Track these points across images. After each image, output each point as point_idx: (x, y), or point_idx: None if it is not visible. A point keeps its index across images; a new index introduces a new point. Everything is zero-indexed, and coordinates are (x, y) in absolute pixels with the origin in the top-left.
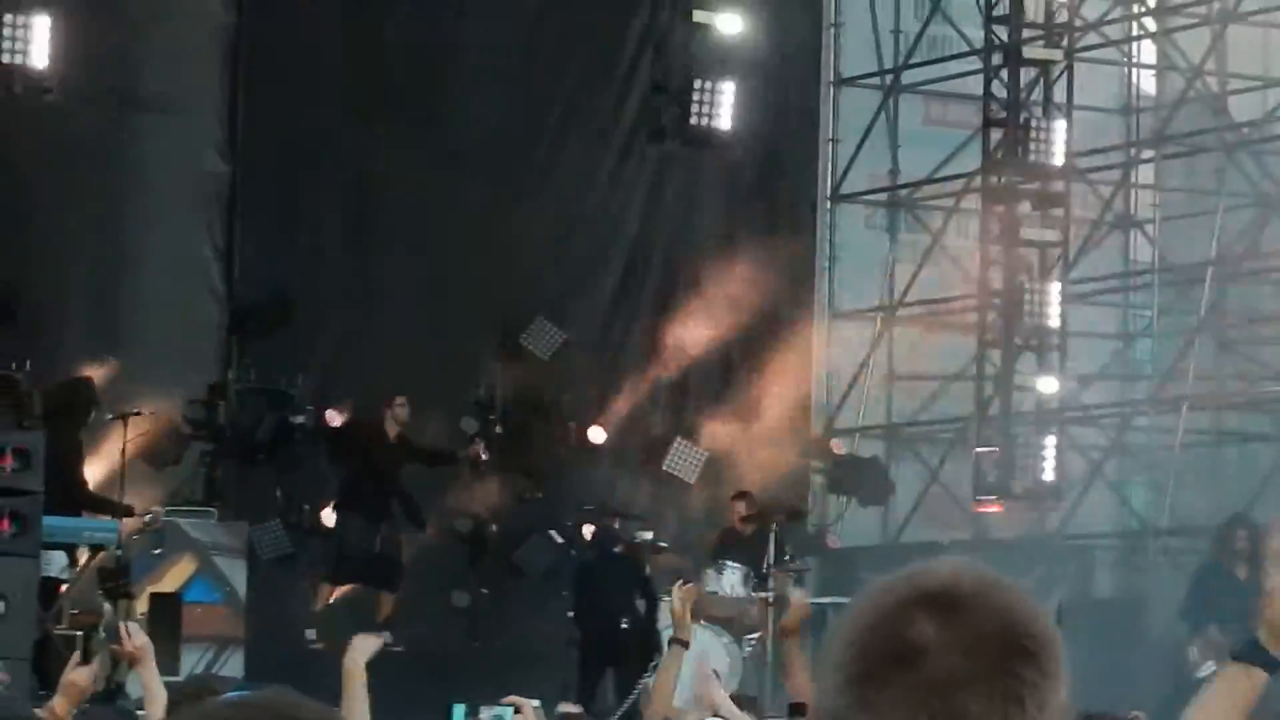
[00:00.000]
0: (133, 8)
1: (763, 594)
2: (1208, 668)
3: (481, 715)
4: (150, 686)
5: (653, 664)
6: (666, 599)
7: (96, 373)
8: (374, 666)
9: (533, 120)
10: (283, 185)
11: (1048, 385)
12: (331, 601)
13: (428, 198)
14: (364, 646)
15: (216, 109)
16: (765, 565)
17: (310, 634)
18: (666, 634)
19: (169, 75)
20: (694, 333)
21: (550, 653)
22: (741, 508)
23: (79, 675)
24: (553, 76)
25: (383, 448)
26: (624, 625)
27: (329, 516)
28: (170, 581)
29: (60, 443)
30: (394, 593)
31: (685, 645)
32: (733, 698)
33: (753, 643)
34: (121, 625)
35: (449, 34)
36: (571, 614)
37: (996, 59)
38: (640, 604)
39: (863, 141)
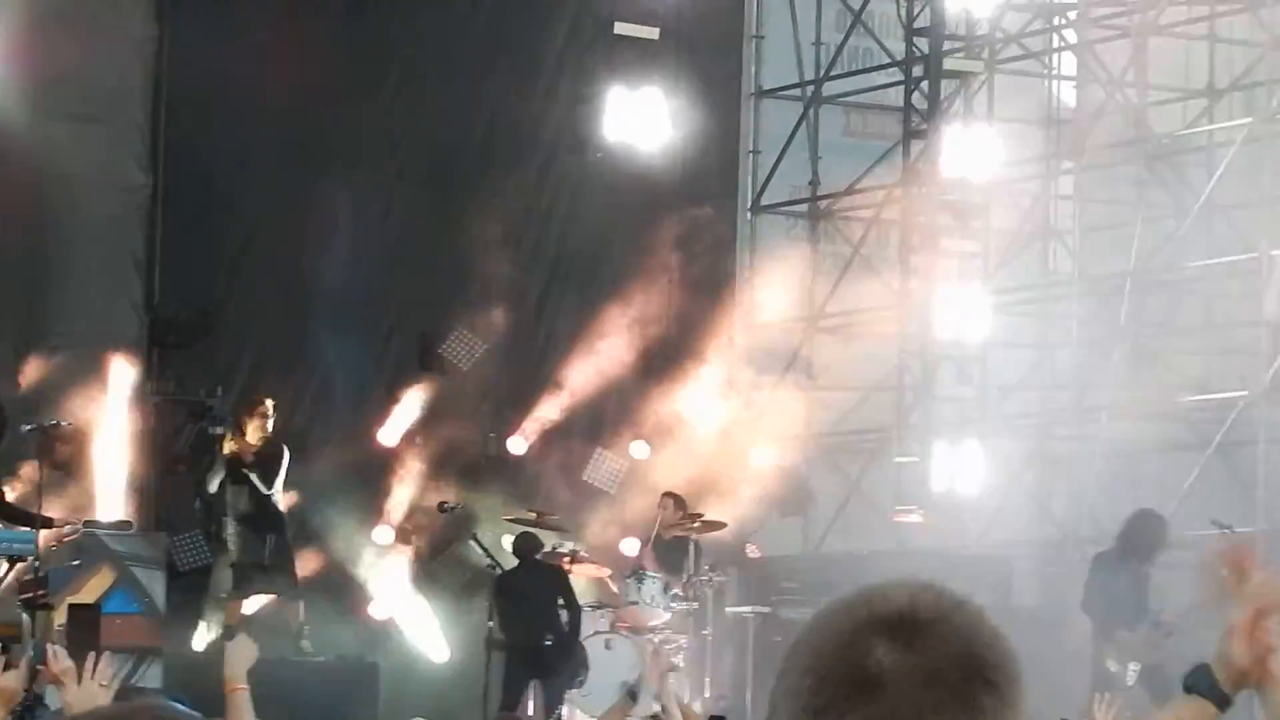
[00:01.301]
0: (54, 20)
1: (683, 605)
2: (1132, 673)
3: None
4: (74, 705)
5: (579, 678)
6: (589, 609)
7: (16, 385)
8: (295, 677)
9: (455, 132)
10: (203, 197)
11: (967, 395)
12: (250, 613)
13: (349, 210)
14: (240, 655)
15: (137, 120)
16: (685, 575)
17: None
18: (590, 644)
19: (90, 87)
20: (615, 343)
21: (472, 663)
22: (669, 505)
23: (8, 680)
24: (475, 89)
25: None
26: (547, 642)
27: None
28: (89, 593)
29: None
30: (295, 600)
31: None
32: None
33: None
34: (48, 648)
35: (372, 46)
36: (491, 623)
37: (917, 71)
38: (563, 615)
39: (783, 153)
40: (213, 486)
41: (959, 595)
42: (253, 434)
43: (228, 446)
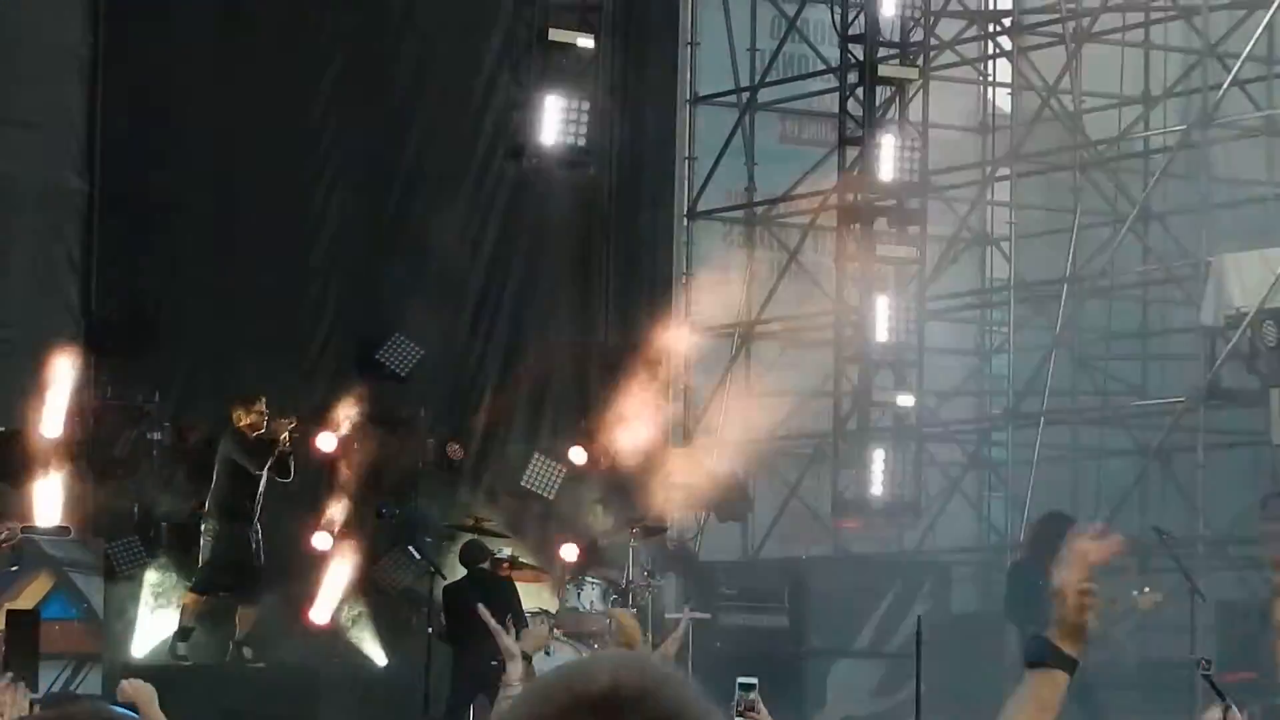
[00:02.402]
0: None
1: (623, 609)
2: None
3: None
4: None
5: None
6: (529, 614)
7: None
8: (237, 683)
9: (391, 137)
10: (140, 202)
11: (905, 401)
12: (192, 616)
13: (286, 215)
14: (148, 696)
15: (73, 125)
16: (625, 580)
17: (181, 648)
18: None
19: (26, 92)
20: (552, 349)
21: (411, 670)
22: (600, 512)
23: None
24: (410, 96)
25: (251, 452)
26: (494, 663)
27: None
28: (27, 598)
29: None
30: (254, 606)
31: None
32: None
33: None
34: None
35: (307, 53)
36: (430, 629)
37: (852, 77)
38: (510, 629)
39: (719, 159)
40: (259, 469)
41: (664, 670)
42: (253, 427)
43: (245, 436)
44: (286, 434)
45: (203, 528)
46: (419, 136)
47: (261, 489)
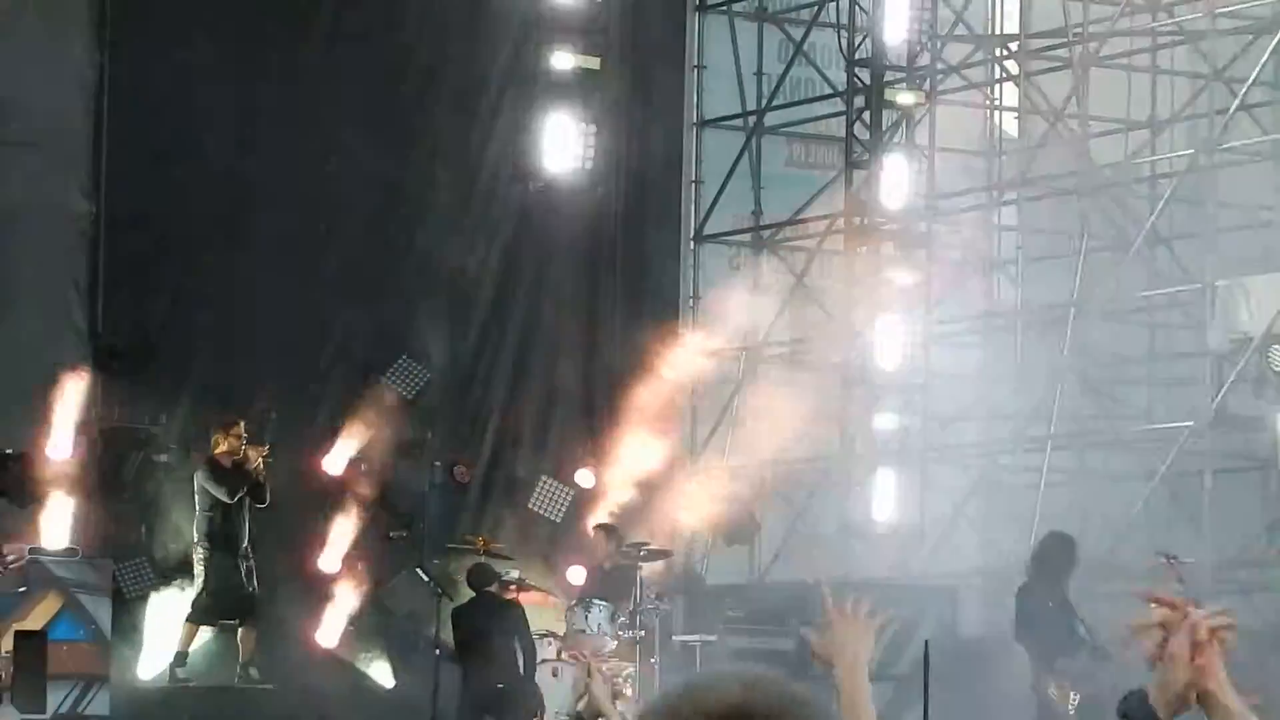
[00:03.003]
0: None
1: (630, 633)
2: (1075, 700)
3: None
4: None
5: (534, 718)
6: (536, 637)
7: None
8: (242, 705)
9: (398, 161)
10: (146, 224)
11: (910, 425)
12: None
13: (293, 237)
14: None
15: (81, 148)
16: (632, 603)
17: (181, 672)
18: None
19: (33, 114)
20: (558, 371)
21: (418, 692)
22: (602, 539)
23: None
24: (418, 117)
25: (228, 479)
26: (499, 686)
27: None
28: (35, 619)
29: None
30: (254, 628)
31: None
32: None
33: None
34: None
35: (314, 76)
36: (438, 651)
37: (859, 101)
38: (518, 654)
39: (725, 183)
40: (230, 497)
41: (793, 689)
42: (230, 453)
43: (224, 461)
44: (260, 460)
45: (194, 557)
46: (425, 159)
47: (246, 515)
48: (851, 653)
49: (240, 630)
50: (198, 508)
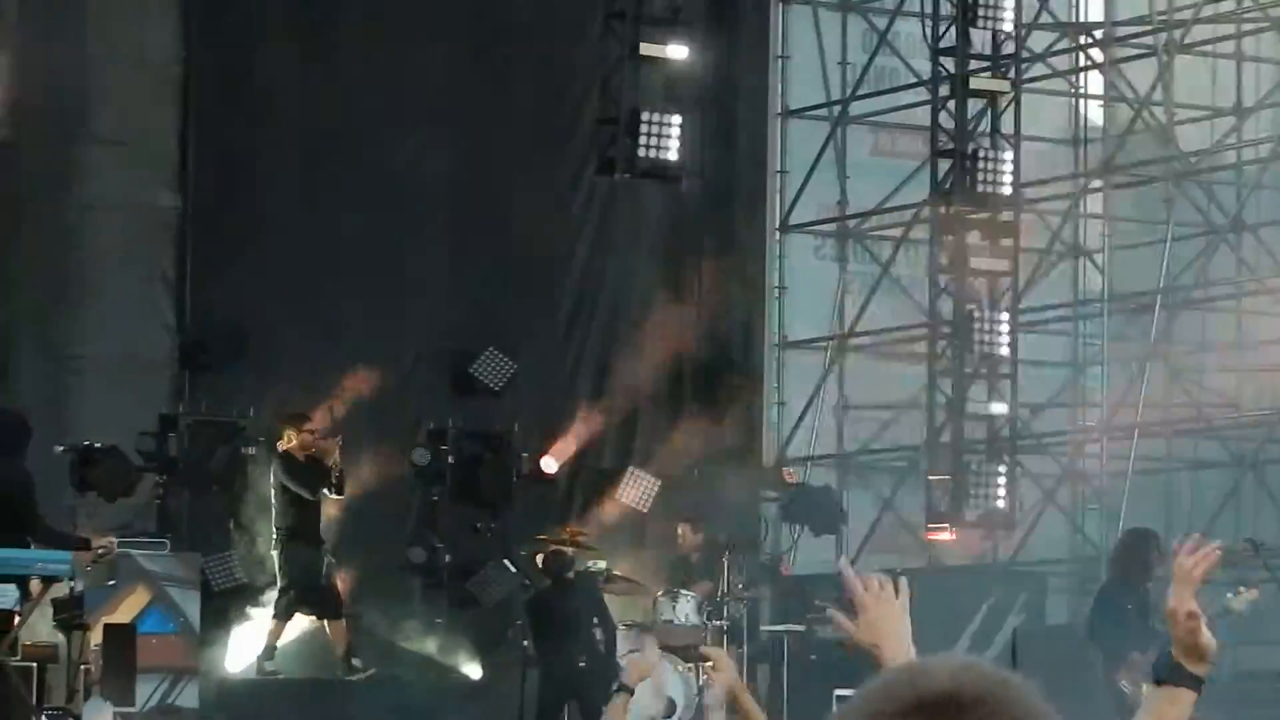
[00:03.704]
0: (82, 42)
1: (718, 622)
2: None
3: None
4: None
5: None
6: (623, 628)
7: (50, 406)
8: (343, 695)
9: (482, 153)
10: (233, 219)
11: (999, 413)
12: (276, 637)
13: (378, 230)
14: None
15: (167, 143)
16: (719, 593)
17: (269, 665)
18: (624, 662)
19: (119, 109)
20: (645, 363)
21: (507, 683)
22: (687, 532)
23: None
24: (501, 109)
25: (301, 472)
26: (581, 664)
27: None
28: (124, 613)
29: (9, 475)
30: (340, 619)
31: (630, 693)
32: None
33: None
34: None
35: (397, 67)
36: (526, 643)
37: (943, 90)
38: (597, 633)
39: (811, 172)
40: (313, 493)
41: (1005, 674)
42: (302, 449)
43: (299, 455)
44: (337, 453)
45: (274, 553)
46: (511, 151)
47: (322, 509)
48: (890, 630)
49: (328, 626)
50: (275, 503)
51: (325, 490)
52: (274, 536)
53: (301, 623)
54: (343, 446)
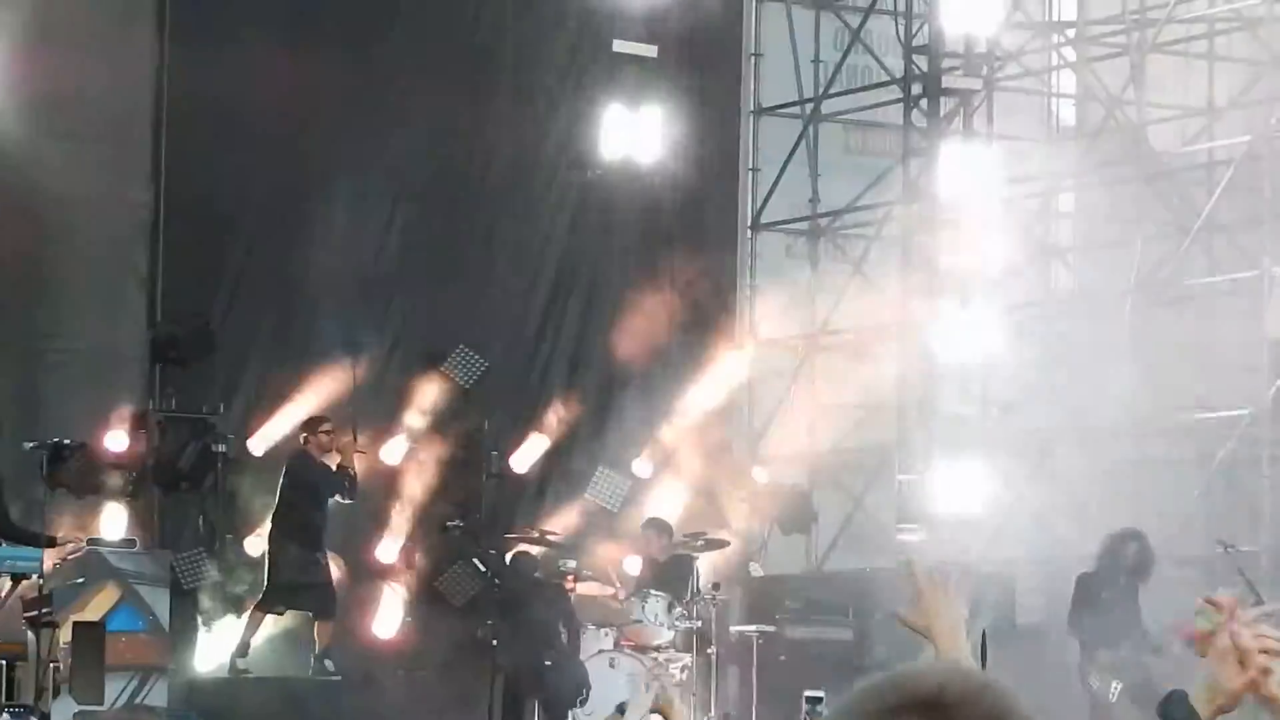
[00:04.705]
0: (56, 39)
1: (688, 623)
2: (1115, 690)
3: None
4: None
5: (580, 697)
6: (590, 628)
7: (19, 402)
8: (313, 695)
9: (456, 149)
10: (205, 215)
11: (969, 413)
12: (254, 632)
13: (351, 226)
14: None
15: (140, 138)
16: (689, 594)
17: (241, 662)
18: (594, 662)
19: (92, 105)
20: (617, 361)
21: (477, 684)
22: (652, 535)
23: None
24: (475, 107)
25: (318, 475)
26: (547, 664)
27: (255, 544)
28: (93, 610)
29: None
30: (330, 620)
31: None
32: None
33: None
34: None
35: (374, 65)
36: (495, 643)
37: (916, 89)
38: (564, 634)
39: (783, 170)
40: (349, 495)
41: (987, 677)
42: (317, 449)
43: (317, 456)
44: (353, 455)
45: (268, 548)
46: (484, 148)
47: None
48: (947, 619)
49: (317, 624)
50: (280, 500)
51: (339, 495)
52: (269, 531)
53: (275, 621)
54: (363, 452)
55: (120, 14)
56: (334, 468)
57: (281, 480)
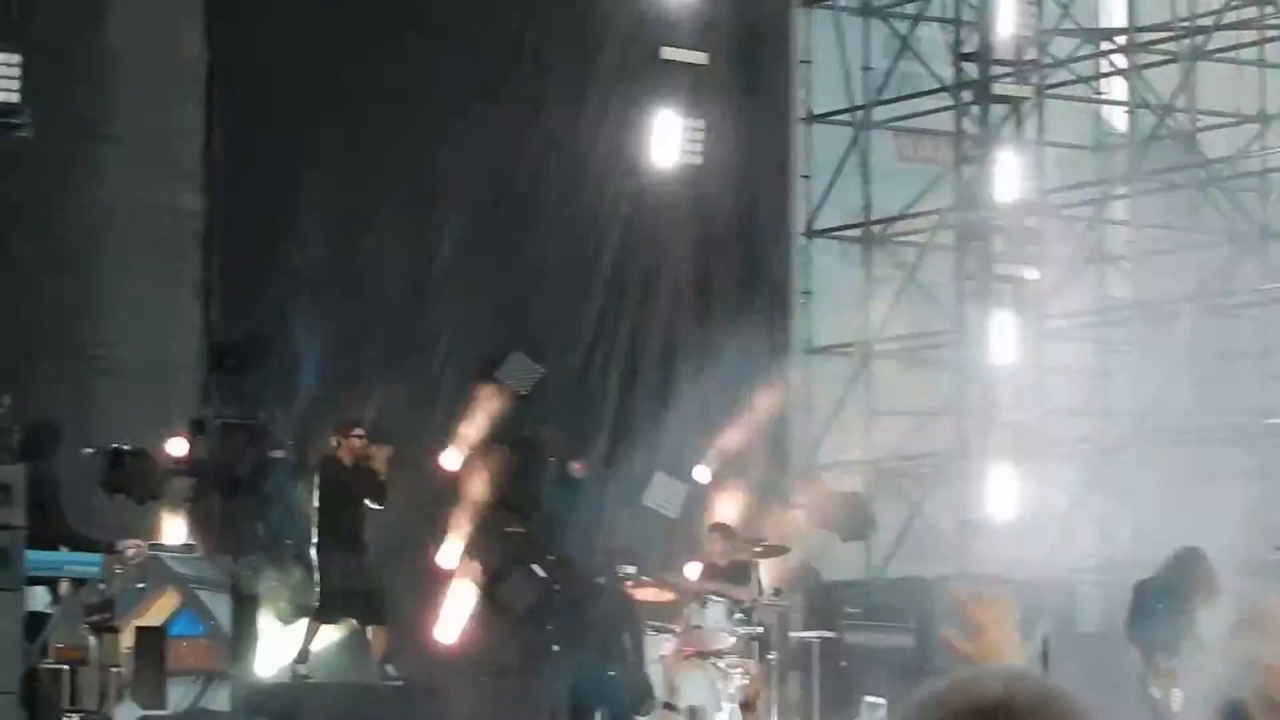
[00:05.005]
0: (107, 44)
1: (747, 629)
2: (1177, 698)
3: None
4: None
5: (644, 707)
6: (653, 633)
7: (78, 409)
8: (374, 701)
9: (508, 156)
10: (260, 221)
11: (1025, 421)
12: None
13: (405, 234)
14: None
15: (192, 146)
16: (749, 600)
17: (301, 669)
18: (654, 669)
19: (144, 111)
20: (672, 368)
21: (538, 690)
22: (717, 540)
23: None
24: (526, 116)
25: (348, 479)
26: (610, 673)
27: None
28: (154, 615)
29: (41, 477)
30: (382, 625)
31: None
32: None
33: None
34: None
35: (423, 71)
36: (556, 648)
37: (967, 96)
38: (628, 641)
39: (835, 178)
40: (377, 500)
41: (1051, 683)
42: (348, 454)
43: (345, 460)
44: (384, 460)
45: (314, 556)
46: (535, 155)
47: (363, 514)
48: (994, 637)
49: (370, 630)
50: (318, 508)
51: (368, 499)
52: (312, 539)
53: (337, 626)
54: (395, 455)
55: (170, 16)
56: (369, 471)
57: (315, 488)
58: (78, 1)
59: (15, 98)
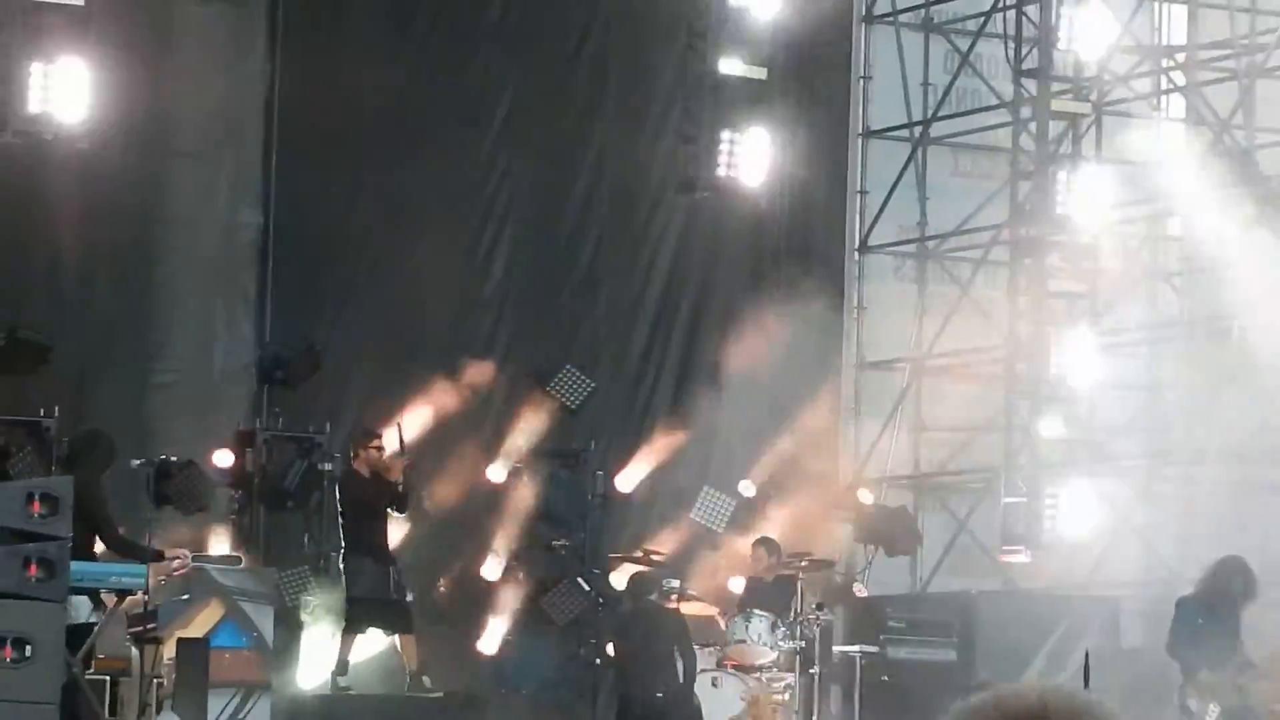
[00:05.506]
0: (167, 58)
1: (791, 643)
2: (1214, 713)
3: None
4: None
5: None
6: (703, 648)
7: (128, 420)
8: (413, 712)
9: (563, 171)
10: (313, 235)
11: (1075, 436)
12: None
13: (457, 249)
14: None
15: (249, 159)
16: (793, 614)
17: (342, 680)
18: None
19: (202, 125)
20: (723, 382)
21: (577, 701)
22: (762, 554)
23: None
24: (583, 129)
25: (367, 489)
26: (659, 695)
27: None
28: (197, 627)
29: (85, 489)
30: (410, 634)
31: None
32: None
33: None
34: None
35: (480, 86)
36: (598, 661)
37: (1025, 112)
38: (678, 663)
39: (891, 193)
40: (402, 509)
41: (1089, 697)
42: (365, 465)
43: (363, 471)
44: (402, 470)
45: (341, 567)
46: (591, 170)
47: (387, 525)
48: None
49: (400, 640)
50: (342, 517)
51: (389, 508)
52: (339, 550)
53: (378, 639)
54: (413, 465)
55: (231, 32)
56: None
57: (337, 499)
58: (145, 18)
59: (78, 111)
